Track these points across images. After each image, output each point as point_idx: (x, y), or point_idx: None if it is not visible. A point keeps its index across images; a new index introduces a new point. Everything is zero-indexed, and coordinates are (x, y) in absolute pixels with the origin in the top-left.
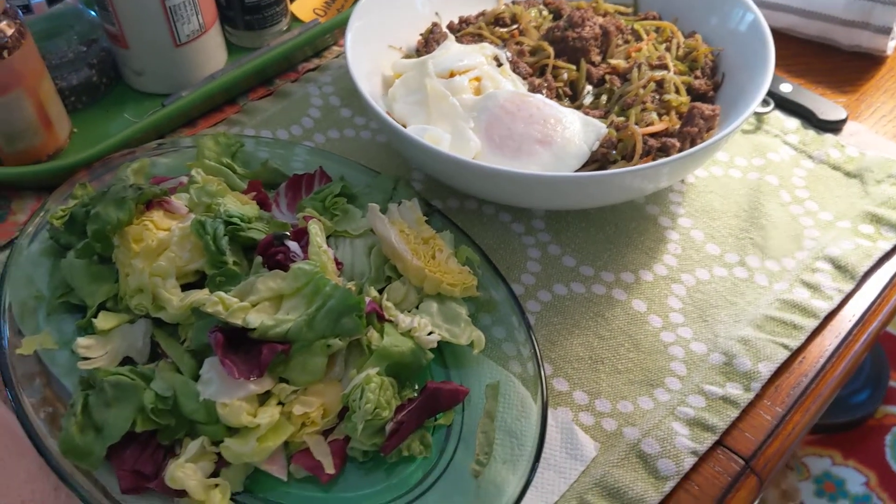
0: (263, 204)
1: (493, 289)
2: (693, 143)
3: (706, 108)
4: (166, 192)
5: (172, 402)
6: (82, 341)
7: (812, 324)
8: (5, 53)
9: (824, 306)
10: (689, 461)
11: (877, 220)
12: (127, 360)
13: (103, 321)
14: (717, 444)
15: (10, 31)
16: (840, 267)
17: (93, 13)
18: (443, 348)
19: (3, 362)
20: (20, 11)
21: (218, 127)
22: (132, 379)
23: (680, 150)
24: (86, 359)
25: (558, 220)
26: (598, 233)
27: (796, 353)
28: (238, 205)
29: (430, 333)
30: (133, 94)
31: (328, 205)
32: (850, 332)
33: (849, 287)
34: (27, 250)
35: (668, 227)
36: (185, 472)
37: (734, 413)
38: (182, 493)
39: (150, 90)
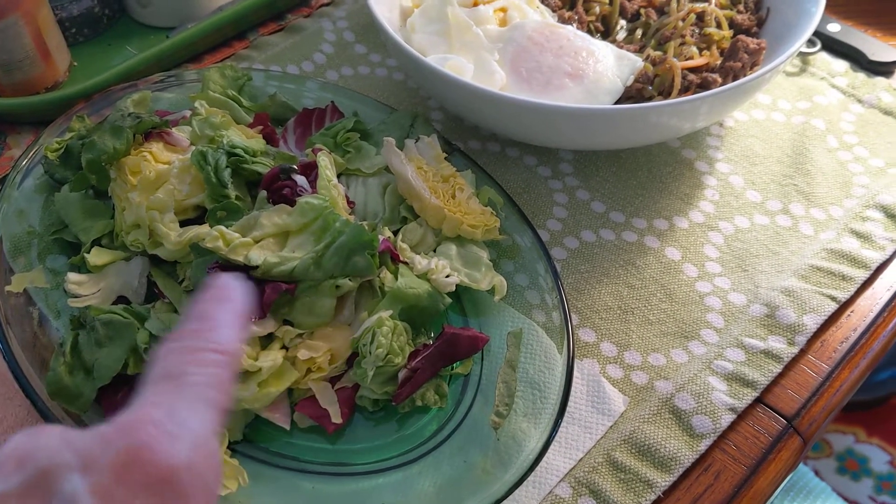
0: (270, 139)
1: (517, 233)
2: (736, 79)
3: (751, 42)
4: (167, 122)
5: None
6: (73, 277)
7: (862, 275)
8: None
9: (876, 256)
10: (727, 418)
11: None
12: (121, 300)
13: (96, 257)
14: (758, 401)
15: None
16: (893, 216)
17: None
18: (461, 295)
19: None
20: None
21: (225, 62)
22: (125, 317)
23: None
24: (77, 296)
25: (587, 163)
26: (629, 178)
27: (845, 306)
28: (243, 138)
29: (448, 276)
30: (137, 28)
31: (340, 141)
32: None
33: None
34: (21, 185)
35: (706, 172)
36: None
37: (776, 368)
38: None
39: (155, 23)
